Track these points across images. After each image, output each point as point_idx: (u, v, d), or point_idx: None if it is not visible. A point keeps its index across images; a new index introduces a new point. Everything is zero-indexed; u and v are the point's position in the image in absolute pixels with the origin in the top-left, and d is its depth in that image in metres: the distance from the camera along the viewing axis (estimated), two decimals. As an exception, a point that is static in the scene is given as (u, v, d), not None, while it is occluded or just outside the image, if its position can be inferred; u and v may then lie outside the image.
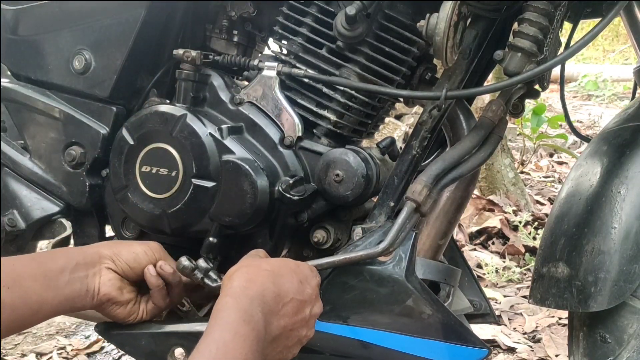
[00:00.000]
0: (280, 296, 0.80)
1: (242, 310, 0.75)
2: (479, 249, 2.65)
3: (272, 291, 0.79)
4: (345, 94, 1.02)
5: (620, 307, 0.89)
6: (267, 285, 0.79)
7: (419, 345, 0.90)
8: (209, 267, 0.89)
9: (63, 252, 0.85)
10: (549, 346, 1.89)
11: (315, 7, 1.02)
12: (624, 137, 0.96)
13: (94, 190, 1.09)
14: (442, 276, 0.99)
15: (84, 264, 0.84)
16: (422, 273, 0.97)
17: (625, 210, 0.89)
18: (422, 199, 0.88)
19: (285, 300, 0.80)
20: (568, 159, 4.26)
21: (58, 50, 1.10)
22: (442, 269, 1.01)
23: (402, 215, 0.89)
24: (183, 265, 0.89)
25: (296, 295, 0.82)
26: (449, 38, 0.87)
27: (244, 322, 0.73)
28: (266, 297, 0.78)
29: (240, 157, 0.96)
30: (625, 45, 8.03)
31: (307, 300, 0.83)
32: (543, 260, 0.97)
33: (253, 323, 0.74)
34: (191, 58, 1.01)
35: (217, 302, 0.77)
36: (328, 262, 0.90)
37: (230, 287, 0.78)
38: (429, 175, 0.90)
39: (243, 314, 0.74)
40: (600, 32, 0.89)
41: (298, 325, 0.82)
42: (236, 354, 0.70)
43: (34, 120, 1.12)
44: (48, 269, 0.81)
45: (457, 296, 1.11)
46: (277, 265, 0.84)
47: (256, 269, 0.82)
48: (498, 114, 0.95)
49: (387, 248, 0.88)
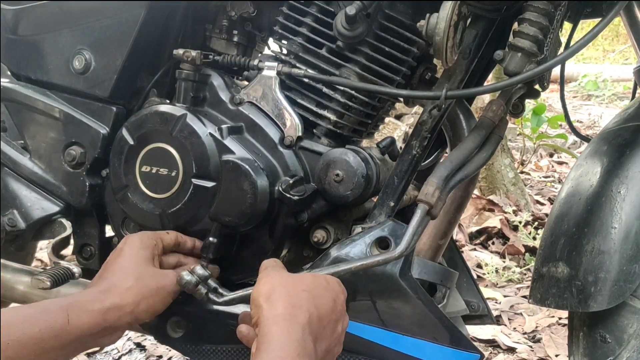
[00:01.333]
0: (322, 319, 0.78)
1: (295, 341, 0.72)
2: (479, 249, 2.65)
3: (316, 316, 0.77)
4: (345, 94, 1.02)
5: (620, 307, 0.89)
6: (312, 310, 0.77)
7: (409, 344, 0.90)
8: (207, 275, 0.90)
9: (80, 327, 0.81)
10: (549, 346, 1.89)
11: (315, 7, 1.02)
12: (624, 137, 0.96)
13: (94, 190, 1.09)
14: (438, 277, 0.99)
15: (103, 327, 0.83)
16: (418, 273, 0.97)
17: (625, 210, 0.89)
18: (434, 201, 0.88)
19: (325, 323, 0.79)
20: (568, 159, 4.26)
21: (58, 50, 1.10)
22: (438, 270, 1.01)
23: (415, 218, 0.88)
24: (185, 281, 0.89)
25: (332, 314, 0.80)
26: (449, 38, 0.87)
27: (298, 356, 0.71)
28: (312, 322, 0.76)
29: (240, 157, 0.96)
30: (625, 45, 8.04)
31: (339, 319, 0.82)
32: (543, 260, 0.97)
33: (307, 356, 0.72)
34: (191, 58, 1.01)
35: (261, 327, 0.75)
36: (345, 270, 0.88)
37: (275, 315, 0.75)
38: (439, 177, 0.89)
39: (297, 346, 0.72)
40: (600, 32, 0.89)
41: (334, 343, 0.81)
42: None
43: (34, 120, 1.12)
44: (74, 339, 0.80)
45: (453, 297, 1.11)
46: (312, 284, 0.81)
47: (295, 289, 0.79)
48: (498, 114, 0.95)
49: (403, 252, 0.87)
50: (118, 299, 0.84)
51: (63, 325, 0.78)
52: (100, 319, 0.82)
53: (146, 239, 0.92)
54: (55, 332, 0.77)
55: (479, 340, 1.92)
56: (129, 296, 0.85)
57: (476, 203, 2.86)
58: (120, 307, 0.84)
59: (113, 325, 0.83)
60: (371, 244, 0.93)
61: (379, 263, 0.88)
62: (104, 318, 0.82)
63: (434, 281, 0.99)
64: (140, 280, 0.86)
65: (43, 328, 0.77)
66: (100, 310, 0.82)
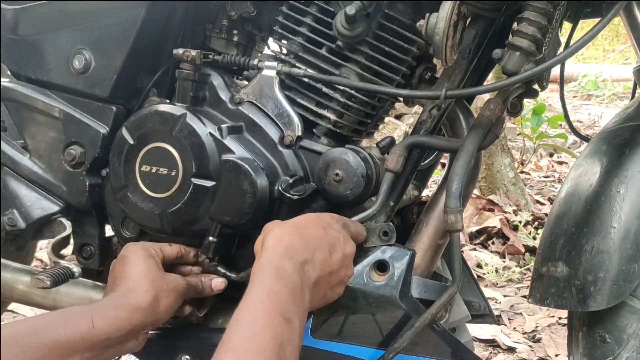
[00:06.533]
0: (308, 244, 0.85)
1: (273, 267, 0.80)
2: (479, 248, 2.65)
3: (298, 242, 0.84)
4: (345, 94, 1.02)
5: (619, 306, 0.89)
6: (293, 238, 0.84)
7: None
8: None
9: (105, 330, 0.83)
10: (549, 346, 1.89)
11: (315, 7, 1.02)
12: (623, 137, 0.96)
13: (94, 189, 1.09)
14: (438, 295, 1.00)
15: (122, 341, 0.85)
16: (418, 292, 0.98)
17: (625, 209, 0.89)
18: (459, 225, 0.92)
19: (314, 247, 0.85)
20: (568, 158, 4.27)
21: (58, 50, 1.10)
22: (438, 288, 1.02)
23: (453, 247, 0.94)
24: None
25: (323, 239, 0.86)
26: (449, 37, 0.87)
27: (276, 277, 0.79)
28: (295, 249, 0.83)
29: (240, 156, 0.96)
30: (625, 45, 8.03)
31: (336, 243, 0.88)
32: (542, 259, 0.97)
33: (286, 277, 0.80)
34: (191, 57, 1.01)
35: (254, 265, 0.83)
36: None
37: (262, 250, 0.84)
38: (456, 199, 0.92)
39: (274, 270, 0.80)
40: (600, 31, 0.89)
41: (336, 266, 0.87)
42: (273, 308, 0.76)
43: (34, 119, 1.12)
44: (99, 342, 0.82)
45: (456, 304, 1.11)
46: (299, 219, 0.90)
47: (281, 227, 0.87)
48: (496, 113, 0.95)
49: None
50: (139, 301, 0.87)
51: (89, 329, 0.80)
52: (125, 321, 0.84)
53: (148, 247, 0.95)
54: (81, 335, 0.79)
55: (479, 340, 1.92)
56: (148, 298, 0.87)
57: (476, 203, 2.86)
58: (143, 309, 0.86)
59: (137, 327, 0.86)
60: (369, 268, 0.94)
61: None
62: (129, 321, 0.84)
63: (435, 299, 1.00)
64: (155, 283, 0.89)
65: (69, 332, 0.79)
66: (124, 312, 0.85)
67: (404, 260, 0.93)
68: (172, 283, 0.91)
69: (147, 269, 0.90)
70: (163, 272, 0.93)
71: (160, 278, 0.90)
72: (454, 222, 0.91)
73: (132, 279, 0.89)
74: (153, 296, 0.87)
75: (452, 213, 0.91)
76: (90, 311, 0.83)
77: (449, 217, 0.91)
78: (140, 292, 0.87)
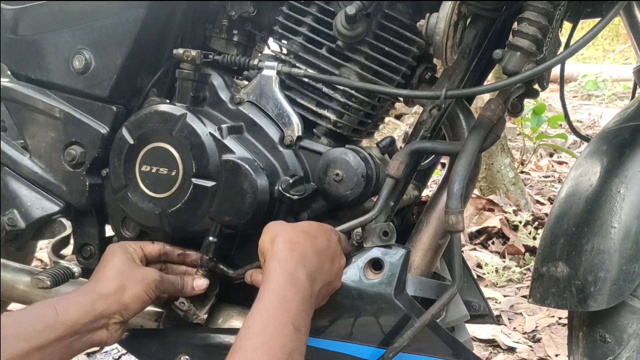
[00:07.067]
0: (319, 254, 0.87)
1: (288, 273, 0.82)
2: (479, 248, 2.65)
3: (312, 251, 0.86)
4: (345, 94, 1.02)
5: (619, 306, 0.89)
6: (307, 245, 0.86)
7: None
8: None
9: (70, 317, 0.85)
10: (549, 346, 1.89)
11: (315, 7, 1.02)
12: (623, 137, 0.96)
13: (94, 189, 1.09)
14: (434, 293, 1.00)
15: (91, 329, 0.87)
16: (413, 290, 0.98)
17: (625, 209, 0.89)
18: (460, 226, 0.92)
19: (323, 258, 0.87)
20: (568, 158, 4.27)
21: (58, 49, 1.10)
22: (434, 286, 1.02)
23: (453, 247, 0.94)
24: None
25: (328, 251, 0.89)
26: (449, 37, 0.87)
27: (290, 285, 0.81)
28: (309, 257, 0.85)
29: (240, 156, 0.96)
30: (625, 45, 8.04)
31: (335, 255, 0.90)
32: (543, 259, 0.97)
33: (299, 285, 0.81)
34: (191, 57, 1.01)
35: (265, 265, 0.85)
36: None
37: (276, 251, 0.84)
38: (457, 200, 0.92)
39: (289, 277, 0.81)
40: (600, 31, 0.89)
41: (333, 277, 0.89)
42: (284, 317, 0.78)
43: (34, 119, 1.12)
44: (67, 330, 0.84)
45: (454, 304, 1.11)
46: (309, 226, 0.91)
47: (294, 231, 0.88)
48: (497, 113, 0.95)
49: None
50: (104, 288, 0.89)
51: (53, 316, 0.83)
52: (89, 306, 0.87)
53: (126, 245, 0.98)
54: (46, 323, 0.82)
55: (479, 340, 1.92)
56: (113, 284, 0.90)
57: (476, 203, 2.86)
58: (106, 296, 0.89)
59: (103, 313, 0.88)
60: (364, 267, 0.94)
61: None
62: (93, 306, 0.87)
63: (431, 297, 1.00)
64: (122, 273, 0.92)
65: (34, 323, 0.81)
66: (87, 298, 0.88)
67: (399, 259, 0.94)
68: (141, 274, 0.93)
69: (118, 262, 0.93)
70: (136, 265, 0.95)
71: (130, 269, 0.93)
72: (455, 223, 0.92)
73: (102, 271, 0.92)
74: (119, 284, 0.90)
75: (453, 214, 0.91)
76: (54, 301, 0.86)
77: (450, 217, 0.91)
78: (106, 280, 0.90)
